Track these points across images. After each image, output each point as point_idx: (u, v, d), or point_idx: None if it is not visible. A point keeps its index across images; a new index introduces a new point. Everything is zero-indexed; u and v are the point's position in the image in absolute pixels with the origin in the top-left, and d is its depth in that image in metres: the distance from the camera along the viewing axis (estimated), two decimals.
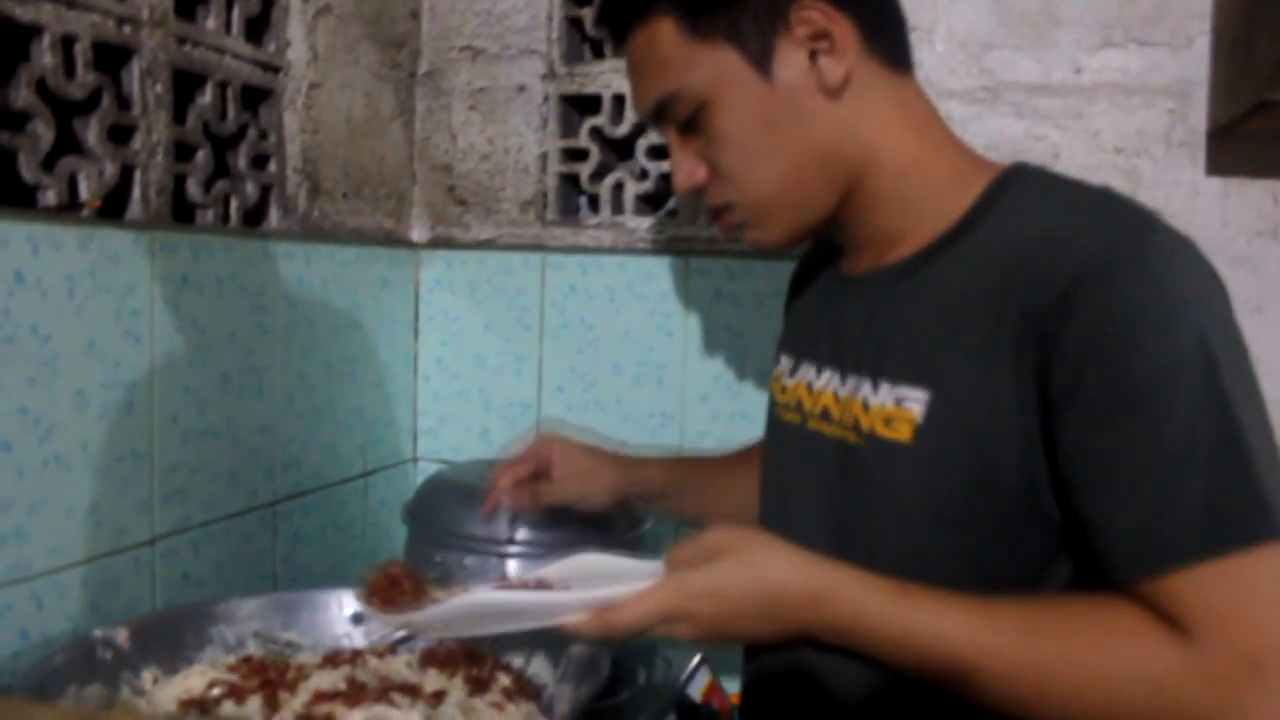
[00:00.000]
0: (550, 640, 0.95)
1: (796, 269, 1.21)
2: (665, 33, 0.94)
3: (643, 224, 1.61)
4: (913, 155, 0.94)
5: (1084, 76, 1.40)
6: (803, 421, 1.02)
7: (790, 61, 0.91)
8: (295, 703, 0.89)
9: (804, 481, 1.00)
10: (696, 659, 1.23)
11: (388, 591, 0.96)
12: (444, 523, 1.28)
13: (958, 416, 0.84)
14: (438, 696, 0.90)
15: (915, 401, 0.87)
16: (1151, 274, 0.78)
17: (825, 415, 0.98)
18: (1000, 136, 1.40)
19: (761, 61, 0.91)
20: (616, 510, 1.28)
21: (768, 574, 0.84)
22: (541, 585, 0.98)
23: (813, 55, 0.91)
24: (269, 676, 0.95)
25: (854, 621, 0.83)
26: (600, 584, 0.93)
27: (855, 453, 0.92)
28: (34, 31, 1.04)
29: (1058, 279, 0.79)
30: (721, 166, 0.95)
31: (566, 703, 0.94)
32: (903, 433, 0.87)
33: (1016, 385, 0.81)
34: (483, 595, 0.88)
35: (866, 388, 0.93)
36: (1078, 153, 1.40)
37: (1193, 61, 1.36)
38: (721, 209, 0.98)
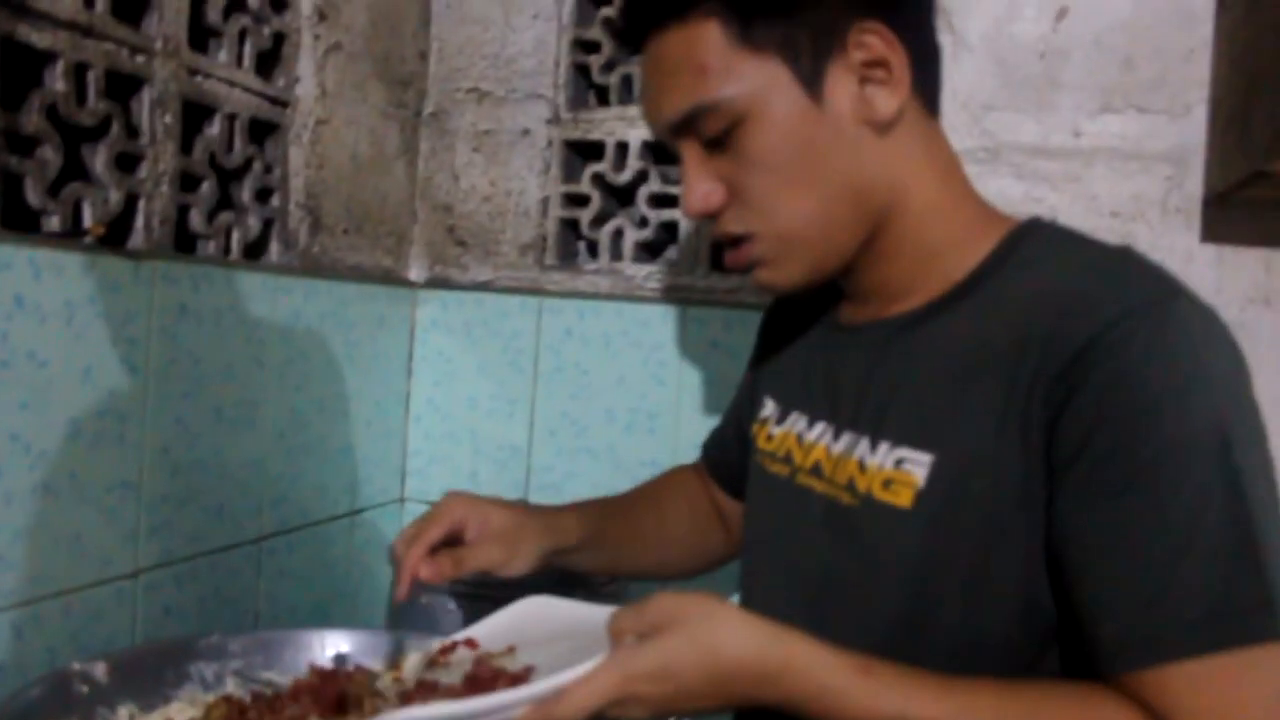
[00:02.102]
0: None
1: (772, 305, 1.16)
2: (709, 36, 0.86)
3: (641, 271, 1.61)
4: (936, 203, 0.90)
5: (1083, 140, 1.41)
6: (791, 475, 0.98)
7: (841, 86, 0.85)
8: None
9: (790, 539, 0.97)
10: None
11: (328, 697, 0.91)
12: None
13: (961, 483, 0.80)
14: None
15: (917, 465, 0.83)
16: (1169, 344, 0.74)
17: (816, 471, 0.95)
18: (1000, 197, 1.40)
19: (812, 82, 0.85)
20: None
21: (718, 650, 0.76)
22: (472, 645, 0.94)
23: (862, 83, 0.86)
24: (249, 716, 0.93)
25: (813, 699, 0.77)
26: (544, 636, 0.89)
27: (849, 514, 0.89)
28: (48, 58, 1.04)
29: (1072, 342, 0.75)
30: (748, 192, 0.88)
31: None
32: (903, 497, 0.84)
33: (1024, 452, 0.77)
34: (423, 709, 0.79)
35: (864, 446, 0.89)
36: (1075, 216, 1.41)
37: (1190, 129, 1.37)
38: (737, 239, 0.91)
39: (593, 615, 0.87)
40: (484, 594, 1.22)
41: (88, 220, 1.10)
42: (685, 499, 1.24)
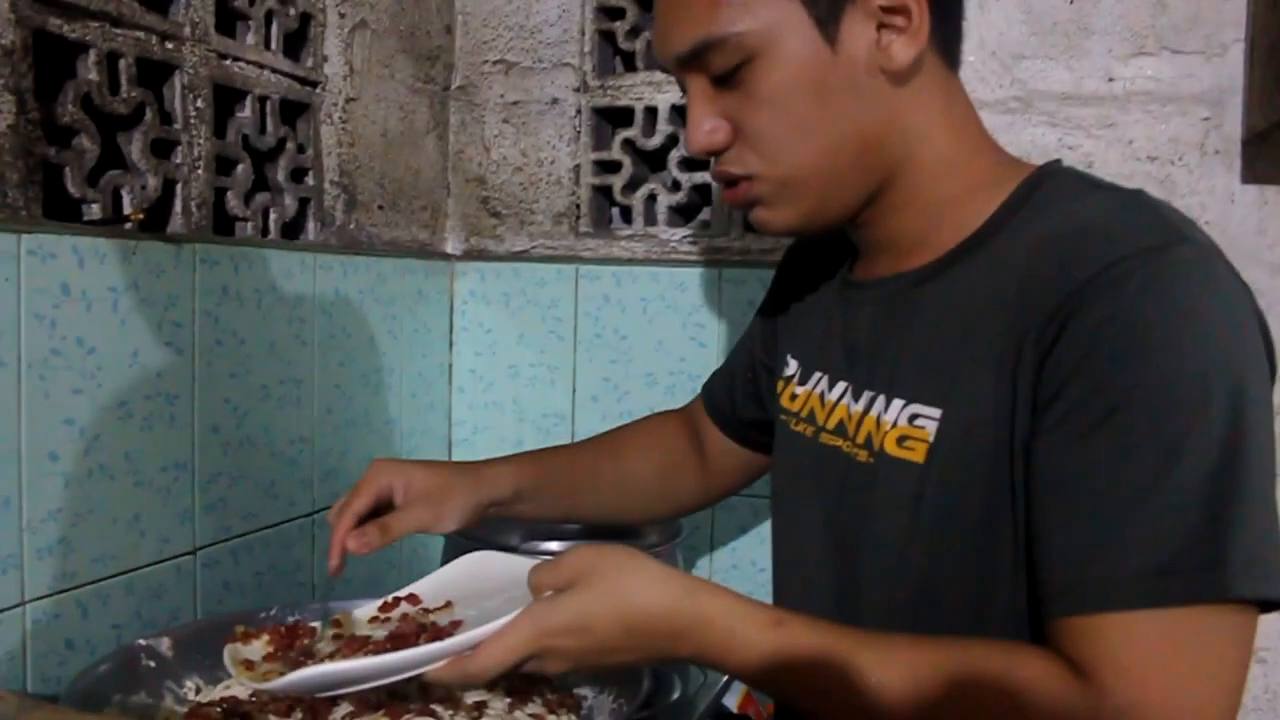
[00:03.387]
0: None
1: (785, 259, 1.15)
2: None
3: (675, 235, 1.61)
4: (950, 156, 0.88)
5: (1117, 85, 1.39)
6: (815, 434, 0.98)
7: (857, 32, 0.83)
8: (337, 714, 0.90)
9: (816, 497, 0.97)
10: None
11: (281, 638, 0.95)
12: (482, 532, 1.28)
13: (968, 435, 0.80)
14: (479, 708, 0.90)
15: (928, 420, 0.83)
16: (1164, 288, 0.72)
17: (839, 430, 0.94)
18: (1032, 146, 1.40)
19: (827, 24, 0.82)
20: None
21: (633, 603, 0.77)
22: (414, 601, 0.97)
23: (879, 29, 0.83)
24: None
25: (724, 652, 0.77)
26: (483, 592, 0.91)
27: (867, 471, 0.89)
28: (80, 49, 1.06)
29: (1067, 284, 0.74)
30: (754, 131, 0.86)
31: (607, 714, 0.95)
32: (916, 453, 0.83)
33: (1014, 394, 0.76)
34: (325, 668, 0.82)
35: (880, 404, 0.89)
36: (1111, 162, 1.39)
37: (1227, 69, 1.35)
38: (738, 178, 0.89)
39: (528, 569, 0.88)
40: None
41: (127, 207, 1.12)
42: (656, 445, 1.25)
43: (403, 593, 1.00)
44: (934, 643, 0.76)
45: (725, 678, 1.20)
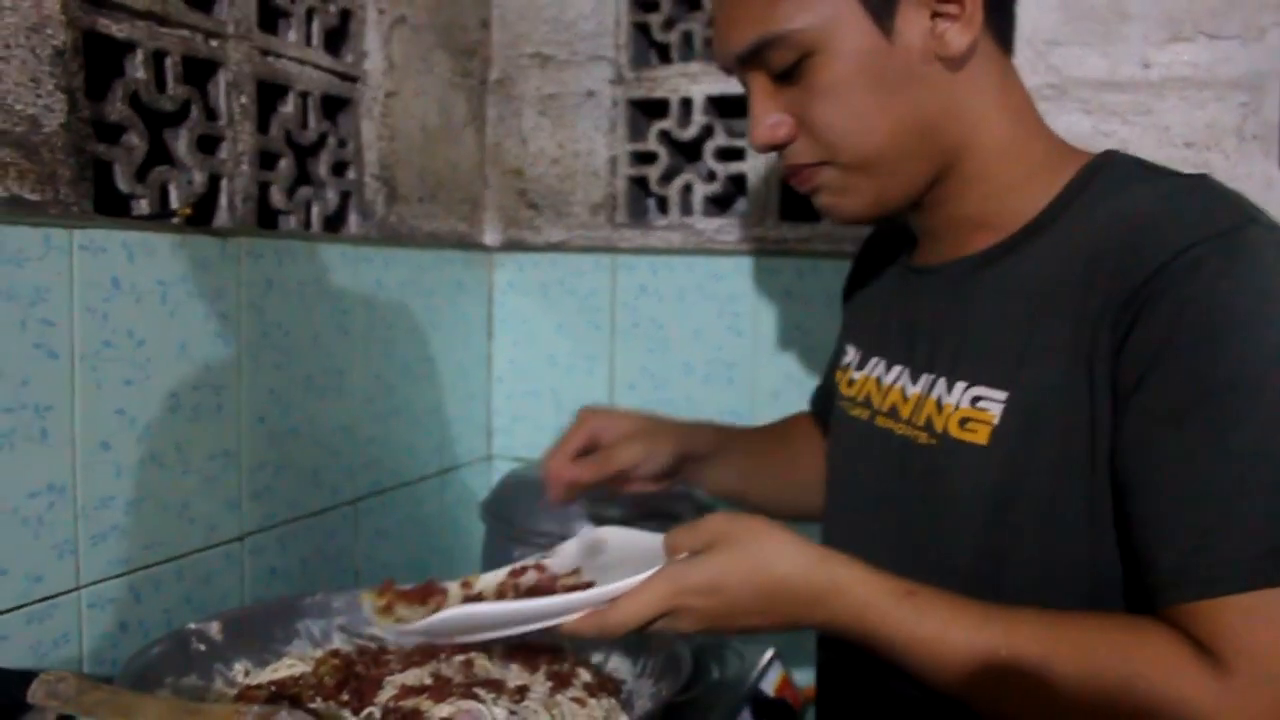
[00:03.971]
0: (629, 638, 0.95)
1: (859, 254, 1.17)
2: None
3: (711, 225, 1.62)
4: (1008, 140, 0.89)
5: (1152, 71, 1.38)
6: (871, 418, 1.00)
7: (912, 20, 0.84)
8: (381, 697, 0.91)
9: (871, 479, 0.98)
10: (769, 654, 1.24)
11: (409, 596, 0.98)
12: (522, 519, 1.30)
13: (1035, 418, 0.81)
14: (521, 691, 0.92)
15: (992, 403, 0.84)
16: (1241, 270, 0.73)
17: (894, 413, 0.96)
18: (1067, 134, 1.36)
19: (882, 15, 0.84)
20: (680, 497, 1.23)
21: (767, 567, 0.79)
22: (541, 570, 0.99)
23: (933, 18, 0.85)
24: (356, 670, 0.98)
25: (855, 620, 0.79)
26: (611, 563, 0.92)
27: (927, 453, 0.90)
28: (128, 47, 1.08)
29: (1140, 270, 0.75)
30: (817, 123, 0.87)
31: (646, 698, 0.96)
32: (980, 435, 0.84)
33: (1092, 382, 0.77)
34: (472, 608, 0.86)
35: (940, 387, 0.90)
36: (1146, 148, 1.37)
37: (1265, 53, 1.34)
38: (805, 167, 0.91)
39: (655, 541, 0.90)
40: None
41: (174, 202, 1.15)
42: (815, 443, 1.25)
43: (529, 561, 1.01)
44: (1060, 615, 0.77)
45: (764, 662, 1.22)
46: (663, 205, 1.70)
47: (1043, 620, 0.76)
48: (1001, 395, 0.84)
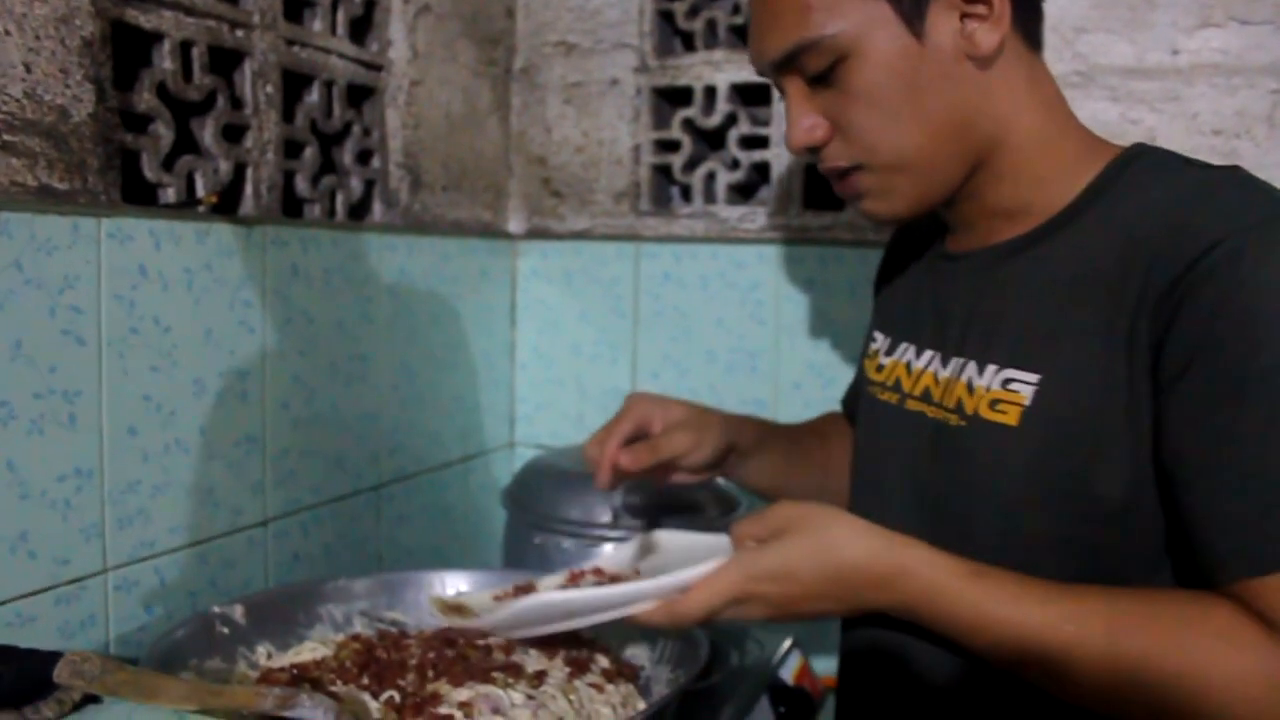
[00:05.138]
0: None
1: (890, 244, 1.18)
2: None
3: (735, 213, 1.62)
4: (1040, 134, 0.91)
5: (1181, 58, 1.37)
6: (901, 401, 1.00)
7: (942, 22, 0.86)
8: (402, 682, 0.92)
9: (900, 461, 0.99)
10: (788, 643, 1.24)
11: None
12: (543, 507, 1.31)
13: (1067, 401, 0.83)
14: (539, 677, 0.93)
15: (1024, 385, 0.85)
16: (1277, 259, 0.74)
17: (925, 396, 0.97)
18: (1094, 121, 1.36)
19: (913, 18, 0.86)
20: (708, 495, 1.24)
21: (836, 553, 0.82)
22: (600, 574, 1.00)
23: (962, 19, 0.87)
24: (377, 654, 0.99)
25: (925, 602, 0.81)
26: (668, 564, 0.92)
27: (957, 434, 0.91)
28: (155, 38, 1.10)
29: (1179, 261, 0.77)
30: (853, 126, 0.90)
31: (664, 684, 0.96)
32: (1010, 416, 0.86)
33: (1129, 368, 0.79)
34: (549, 596, 0.89)
35: (971, 369, 0.91)
36: (1174, 136, 1.37)
37: None
38: (844, 171, 0.93)
39: (712, 542, 0.92)
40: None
41: (201, 191, 1.16)
42: (849, 443, 1.24)
43: (587, 566, 1.03)
44: (1123, 591, 0.79)
45: (783, 650, 1.22)
46: (686, 193, 1.70)
47: (1106, 596, 0.78)
48: (1034, 378, 0.85)
